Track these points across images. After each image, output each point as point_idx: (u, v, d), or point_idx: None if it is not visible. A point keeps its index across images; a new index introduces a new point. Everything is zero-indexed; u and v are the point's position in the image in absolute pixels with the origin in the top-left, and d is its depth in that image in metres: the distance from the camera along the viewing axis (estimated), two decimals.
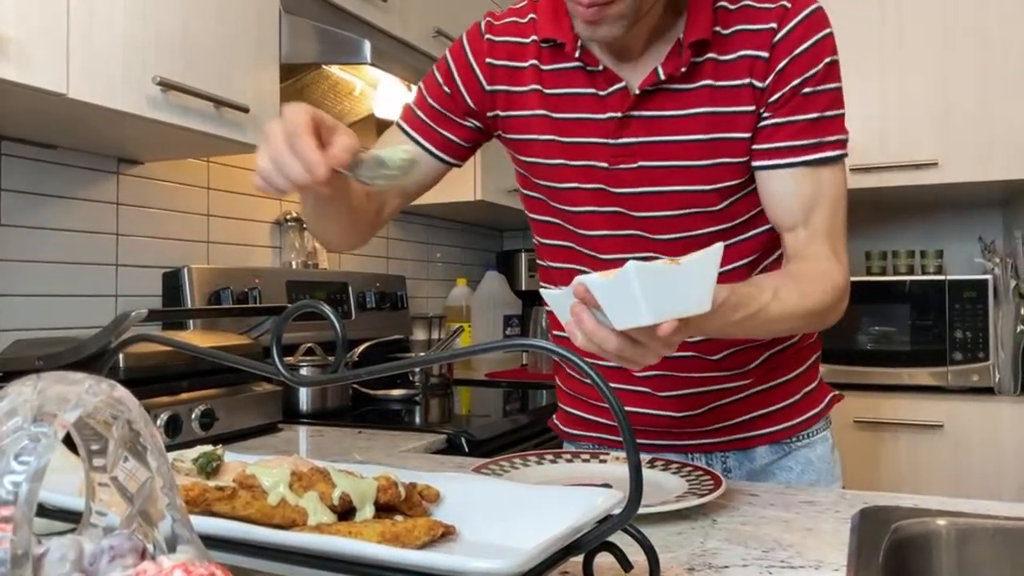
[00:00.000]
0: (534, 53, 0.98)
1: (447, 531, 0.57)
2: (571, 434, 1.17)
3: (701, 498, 0.81)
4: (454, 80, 1.02)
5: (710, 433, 1.06)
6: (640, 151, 0.94)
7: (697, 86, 0.92)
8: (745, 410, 1.05)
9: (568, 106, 0.96)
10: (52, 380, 0.37)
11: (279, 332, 0.67)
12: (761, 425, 1.06)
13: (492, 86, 1.00)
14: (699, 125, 0.92)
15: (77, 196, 1.54)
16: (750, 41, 0.90)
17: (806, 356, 1.10)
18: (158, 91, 1.26)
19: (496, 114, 1.02)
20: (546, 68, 0.97)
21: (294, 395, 1.65)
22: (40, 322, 1.47)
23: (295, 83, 1.78)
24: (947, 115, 2.27)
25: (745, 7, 0.91)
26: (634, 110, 0.93)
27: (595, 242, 1.00)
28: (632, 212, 0.97)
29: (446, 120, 1.04)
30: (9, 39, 1.04)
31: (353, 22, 1.77)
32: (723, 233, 0.96)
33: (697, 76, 0.92)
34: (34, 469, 0.32)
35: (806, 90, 0.90)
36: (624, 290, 0.66)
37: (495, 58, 1.00)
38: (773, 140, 0.91)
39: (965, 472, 2.14)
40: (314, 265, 2.09)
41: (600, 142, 0.95)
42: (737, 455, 1.08)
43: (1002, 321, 2.26)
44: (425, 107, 1.05)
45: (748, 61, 0.90)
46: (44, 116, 1.28)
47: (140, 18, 1.25)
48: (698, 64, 0.91)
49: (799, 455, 1.09)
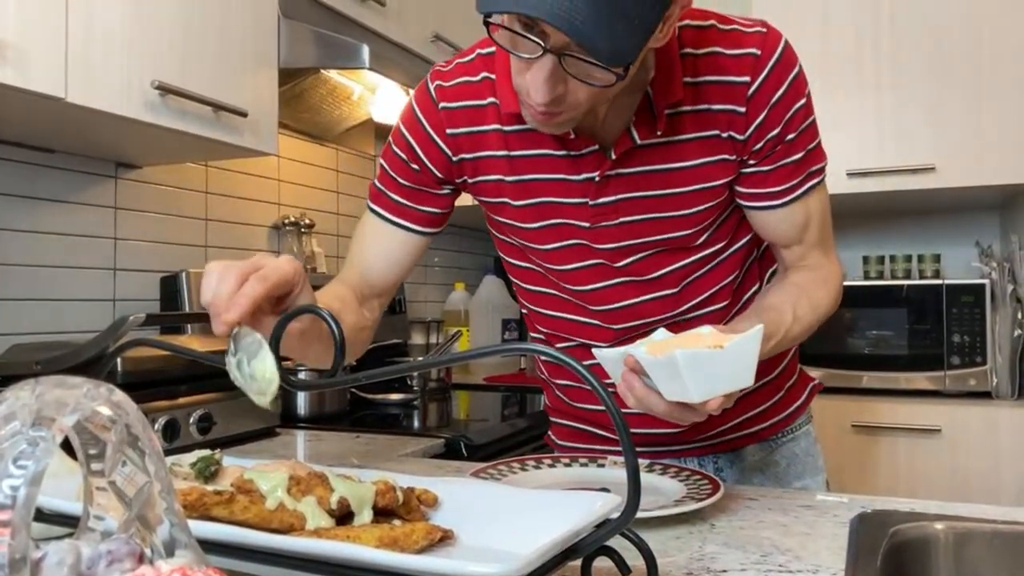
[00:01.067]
0: (495, 116, 0.92)
1: (445, 535, 0.57)
2: (569, 447, 1.16)
3: (699, 502, 0.81)
4: (418, 156, 0.97)
5: (702, 437, 1.07)
6: (622, 207, 0.92)
7: (675, 140, 0.89)
8: (734, 415, 1.06)
9: (539, 168, 0.92)
10: (50, 384, 0.37)
11: (277, 336, 0.67)
12: (749, 425, 1.07)
13: (458, 155, 0.96)
14: (680, 178, 0.91)
15: (75, 200, 1.54)
16: (724, 95, 0.87)
17: (784, 354, 1.09)
18: (156, 95, 1.26)
19: (464, 180, 0.98)
20: (510, 130, 0.92)
21: (292, 400, 1.65)
22: (38, 326, 1.46)
23: (293, 87, 1.78)
24: (943, 120, 2.28)
25: (712, 54, 0.87)
26: (612, 170, 0.90)
27: (583, 294, 0.99)
28: (615, 263, 0.96)
29: (422, 195, 0.99)
30: (8, 44, 1.04)
31: (351, 27, 1.77)
32: (703, 260, 0.97)
33: (673, 130, 0.89)
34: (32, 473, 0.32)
35: (789, 136, 0.89)
36: (671, 371, 0.71)
37: (454, 127, 0.94)
38: (763, 186, 0.92)
39: (963, 476, 2.14)
40: (312, 269, 2.09)
41: (579, 202, 0.92)
42: (728, 455, 1.09)
43: (999, 325, 2.26)
44: (396, 187, 1.00)
45: (726, 116, 0.88)
46: (42, 120, 1.28)
47: (139, 23, 1.25)
48: (673, 117, 0.88)
49: (784, 450, 1.11)
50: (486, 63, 0.94)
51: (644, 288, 0.98)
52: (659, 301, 0.98)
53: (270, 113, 1.51)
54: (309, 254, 2.09)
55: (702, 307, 1.00)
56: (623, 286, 0.98)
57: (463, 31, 2.21)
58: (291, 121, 1.96)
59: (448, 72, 0.96)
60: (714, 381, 0.71)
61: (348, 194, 2.33)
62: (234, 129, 1.42)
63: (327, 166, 2.25)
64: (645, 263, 0.96)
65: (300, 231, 2.06)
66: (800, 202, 0.93)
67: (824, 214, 0.97)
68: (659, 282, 0.97)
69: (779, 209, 0.94)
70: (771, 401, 1.08)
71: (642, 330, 0.98)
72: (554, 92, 0.75)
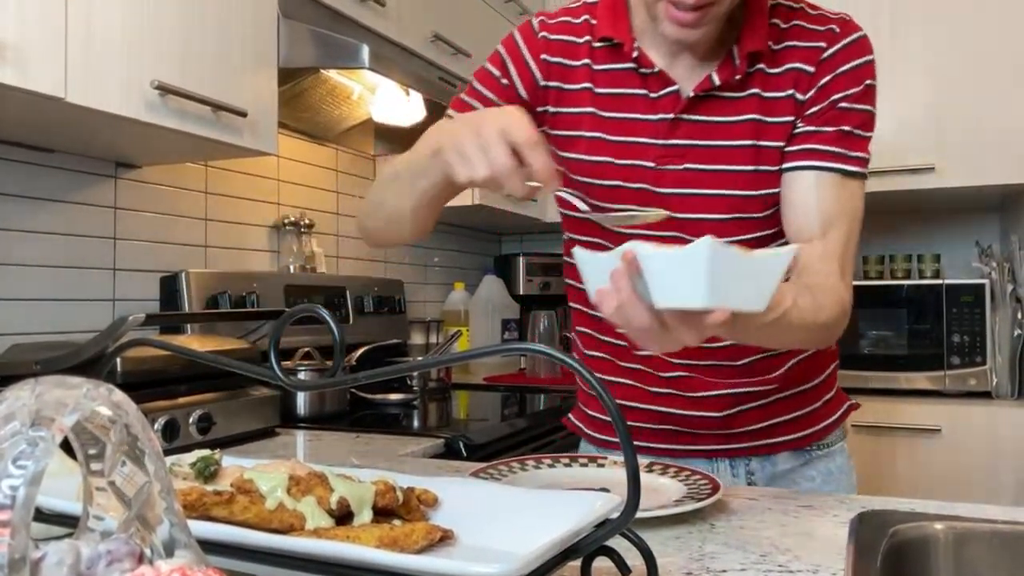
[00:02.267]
0: (587, 53, 1.01)
1: (445, 535, 0.57)
2: (592, 436, 1.17)
3: (699, 502, 0.81)
4: (509, 72, 1.04)
5: (733, 438, 1.07)
6: (689, 153, 0.97)
7: (746, 95, 0.96)
8: (768, 415, 1.06)
9: (618, 106, 0.99)
10: (50, 384, 0.36)
11: (277, 336, 0.67)
12: (783, 431, 1.07)
13: (546, 82, 1.02)
14: (746, 132, 0.96)
15: (74, 200, 1.54)
16: (798, 56, 0.96)
17: (826, 364, 1.12)
18: (156, 95, 1.26)
19: (546, 109, 1.03)
20: (598, 68, 1.00)
21: (292, 400, 1.65)
22: (37, 326, 1.46)
23: (293, 87, 1.78)
24: (943, 120, 2.28)
25: (796, 26, 0.97)
26: (685, 113, 0.96)
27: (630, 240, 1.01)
28: (675, 214, 0.97)
29: None
30: (7, 43, 1.04)
31: (351, 27, 1.77)
32: (761, 240, 0.98)
33: (746, 85, 0.96)
34: (32, 473, 0.32)
35: (843, 104, 0.94)
36: (687, 267, 0.61)
37: (550, 55, 1.02)
38: (803, 143, 0.95)
39: (963, 476, 2.14)
40: (312, 269, 2.09)
41: (648, 142, 0.98)
42: (760, 460, 1.09)
43: (999, 325, 2.26)
44: (479, 97, 1.05)
45: (794, 74, 0.95)
46: (41, 120, 1.28)
47: (138, 23, 1.25)
48: (749, 74, 0.96)
49: (820, 465, 1.10)
50: (588, 9, 1.03)
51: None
52: None
53: (270, 113, 1.51)
54: (309, 254, 2.08)
55: None
56: (674, 240, 0.95)
57: (463, 31, 2.21)
58: (291, 121, 1.96)
59: (553, 13, 1.06)
60: (729, 289, 0.61)
61: (348, 194, 2.33)
62: (234, 129, 1.42)
63: (327, 166, 2.25)
64: (705, 226, 0.97)
65: (300, 231, 2.06)
66: (834, 179, 0.93)
67: (852, 223, 0.95)
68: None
69: (811, 172, 0.94)
70: (806, 409, 1.08)
71: None
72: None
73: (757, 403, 1.06)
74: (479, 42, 2.28)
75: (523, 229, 3.15)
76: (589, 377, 0.50)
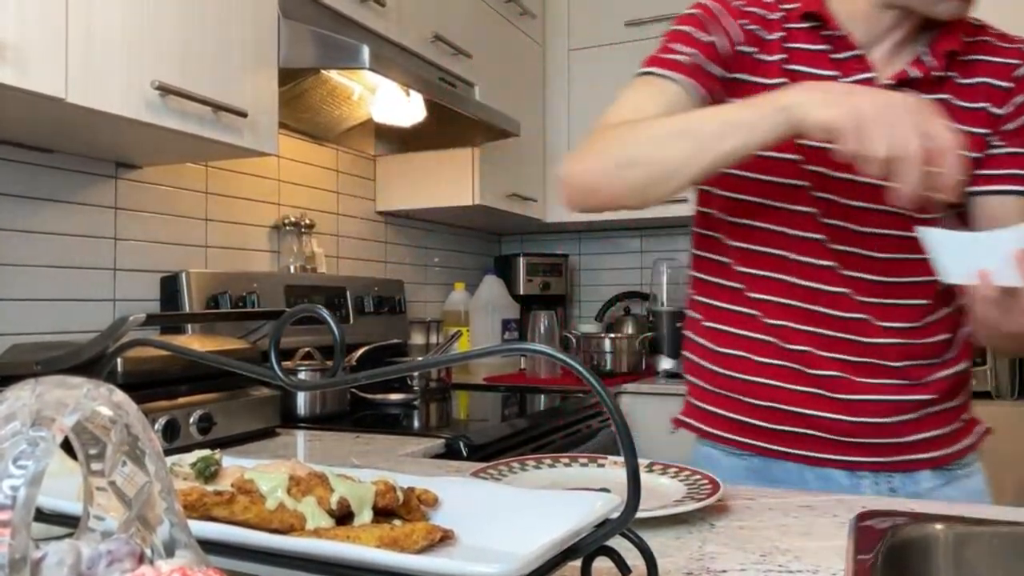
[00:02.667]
0: (780, 28, 1.00)
1: (445, 535, 0.57)
2: (712, 434, 1.11)
3: (699, 502, 0.81)
4: (710, 31, 1.00)
5: (881, 449, 1.03)
6: None
7: (937, 97, 0.95)
8: (913, 430, 1.03)
9: (810, 61, 0.99)
10: (51, 384, 0.37)
11: (277, 336, 0.67)
12: (925, 448, 1.04)
13: (742, 47, 1.01)
14: None
15: (75, 200, 1.54)
16: (989, 70, 0.96)
17: (966, 381, 1.09)
18: (156, 96, 1.26)
19: (736, 77, 1.01)
20: (791, 45, 1.00)
21: (292, 400, 1.65)
22: (38, 326, 1.46)
23: (293, 88, 1.78)
24: None
25: (983, 42, 0.98)
26: (872, 75, 0.96)
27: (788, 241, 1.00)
28: (851, 201, 0.97)
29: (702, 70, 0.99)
30: (7, 44, 1.04)
31: (352, 27, 1.77)
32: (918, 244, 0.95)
33: (939, 88, 0.96)
34: (32, 473, 0.32)
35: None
36: None
37: (748, 21, 1.01)
38: (1007, 167, 0.94)
39: None
40: (312, 269, 2.09)
41: None
42: (902, 477, 1.04)
43: None
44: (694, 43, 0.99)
45: (987, 88, 0.96)
46: (42, 120, 1.28)
47: (139, 23, 1.25)
48: (942, 78, 0.96)
49: (961, 484, 1.06)
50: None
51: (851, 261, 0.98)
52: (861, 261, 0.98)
53: (270, 113, 1.51)
54: (309, 254, 2.09)
55: (903, 296, 1.00)
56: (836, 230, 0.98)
57: (463, 31, 2.21)
58: (291, 121, 1.96)
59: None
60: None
61: (348, 194, 2.33)
62: (234, 129, 1.42)
63: (327, 166, 2.25)
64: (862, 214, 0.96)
65: (300, 231, 2.06)
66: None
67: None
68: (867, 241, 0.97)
69: (1009, 197, 0.93)
70: (950, 427, 1.05)
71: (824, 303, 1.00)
72: None
73: (903, 417, 1.02)
74: (479, 42, 2.28)
75: (523, 229, 3.15)
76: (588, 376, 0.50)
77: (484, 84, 2.31)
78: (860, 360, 1.01)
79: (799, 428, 1.04)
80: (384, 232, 2.51)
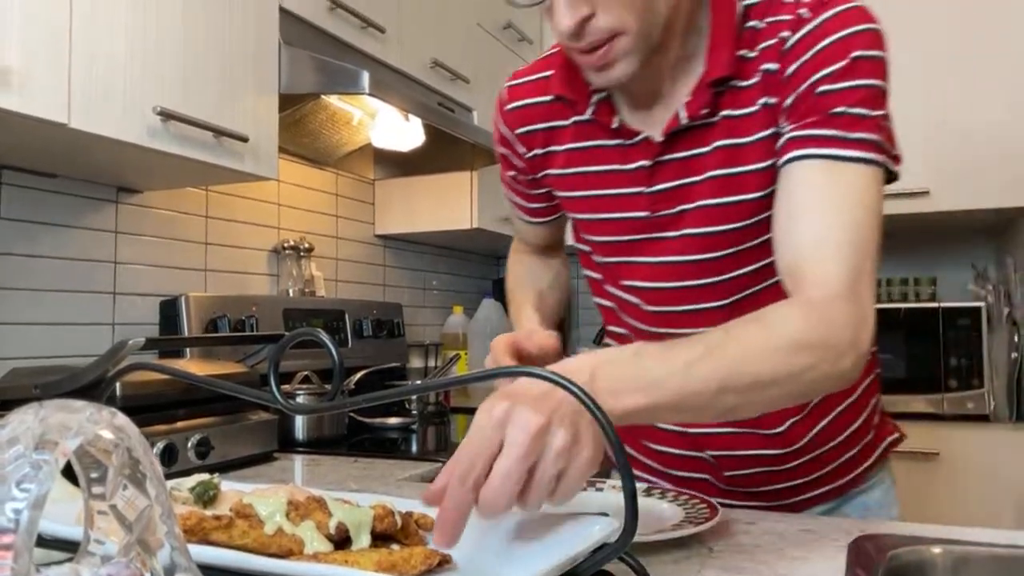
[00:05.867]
0: (557, 112, 0.96)
1: (444, 560, 0.57)
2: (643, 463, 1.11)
3: (697, 526, 0.81)
4: (508, 158, 1.05)
5: (761, 496, 1.01)
6: (677, 194, 0.89)
7: (726, 117, 0.84)
8: (793, 476, 0.99)
9: (597, 159, 0.93)
10: (54, 408, 0.37)
11: (277, 360, 0.67)
12: (809, 489, 1.00)
13: (531, 151, 1.00)
14: (731, 157, 0.84)
15: (76, 224, 1.55)
16: (766, 56, 0.81)
17: (864, 404, 1.00)
18: (158, 121, 1.28)
19: (547, 173, 1.00)
20: (568, 123, 0.95)
21: (290, 424, 1.65)
22: (37, 350, 1.46)
23: (294, 113, 1.80)
24: (937, 144, 2.30)
25: (772, 23, 0.81)
26: (664, 155, 0.88)
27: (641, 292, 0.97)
28: (677, 257, 0.91)
29: (526, 193, 1.09)
30: (12, 70, 1.05)
31: (352, 53, 1.79)
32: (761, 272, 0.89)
33: (724, 107, 0.84)
34: (35, 496, 0.33)
35: (822, 88, 0.77)
36: None
37: (524, 124, 1.00)
38: (786, 135, 0.79)
39: (962, 500, 2.13)
40: (311, 293, 2.09)
41: (635, 192, 0.91)
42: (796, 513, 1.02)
43: (996, 348, 2.26)
44: (512, 188, 1.10)
45: (763, 78, 0.82)
46: (45, 145, 1.29)
47: (141, 49, 1.26)
48: (723, 94, 0.83)
49: (856, 501, 1.04)
50: (548, 62, 0.98)
51: (699, 295, 0.92)
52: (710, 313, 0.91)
53: (271, 138, 1.52)
54: (308, 277, 2.09)
55: None
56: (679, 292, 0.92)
57: (462, 57, 2.23)
58: (291, 145, 1.98)
59: (520, 71, 1.03)
60: None
61: (347, 218, 2.34)
62: (235, 154, 1.44)
63: (326, 190, 2.26)
64: (702, 266, 0.90)
65: (299, 255, 2.07)
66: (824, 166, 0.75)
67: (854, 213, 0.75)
68: (714, 290, 0.90)
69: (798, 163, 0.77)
70: (836, 463, 1.00)
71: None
72: (578, 12, 0.74)
73: (779, 467, 0.98)
74: (478, 68, 2.31)
75: None
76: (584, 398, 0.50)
77: (483, 109, 2.33)
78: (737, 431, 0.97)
79: (686, 472, 1.04)
80: (383, 255, 2.52)
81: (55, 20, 1.12)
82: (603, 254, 0.99)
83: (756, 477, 1.00)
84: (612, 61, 0.78)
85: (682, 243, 0.90)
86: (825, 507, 1.03)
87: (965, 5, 2.30)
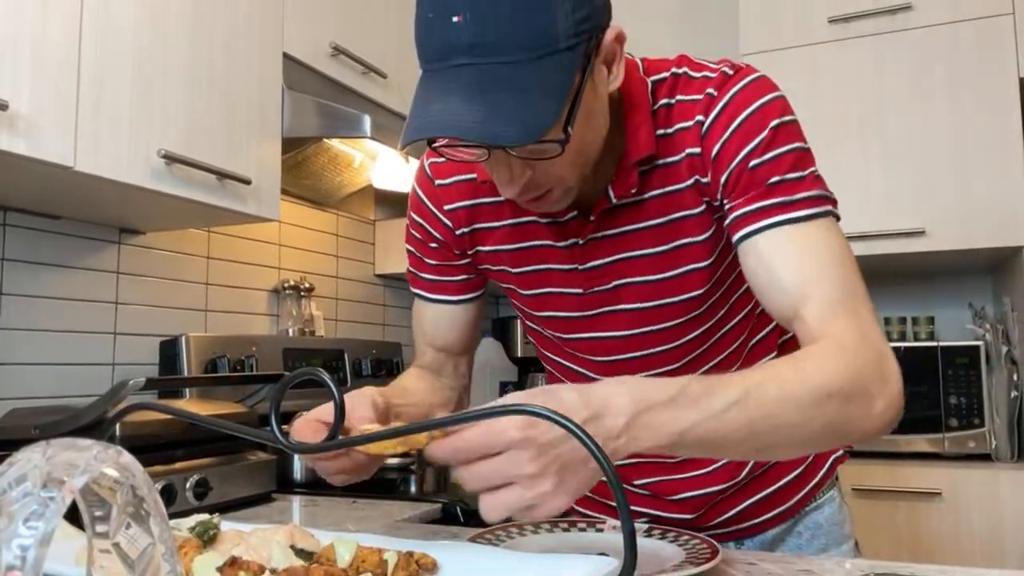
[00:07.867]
0: (485, 189, 0.93)
1: None
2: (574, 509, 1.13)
3: (698, 567, 0.81)
4: (431, 233, 0.99)
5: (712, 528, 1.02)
6: (612, 270, 0.90)
7: (651, 195, 0.86)
8: (739, 500, 1.01)
9: (529, 236, 0.93)
10: (61, 447, 0.38)
11: (278, 399, 0.67)
12: (761, 511, 1.02)
13: (459, 229, 0.97)
14: (662, 234, 0.87)
15: (78, 265, 1.56)
16: (687, 139, 0.84)
17: None
18: (162, 163, 1.30)
19: (476, 250, 0.98)
20: (501, 199, 0.92)
21: (288, 464, 1.64)
22: (38, 390, 1.46)
23: (296, 155, 1.82)
24: (932, 184, 2.33)
25: (681, 102, 0.84)
26: (596, 232, 0.88)
27: (591, 364, 0.97)
28: (615, 332, 0.93)
29: (450, 268, 1.02)
30: (20, 115, 1.07)
31: (354, 97, 1.83)
32: (707, 333, 0.92)
33: (650, 186, 0.86)
34: (42, 534, 0.33)
35: (752, 163, 0.80)
36: None
37: (451, 202, 0.96)
38: (734, 213, 0.81)
39: (966, 540, 2.11)
40: (310, 332, 2.10)
41: (569, 268, 0.91)
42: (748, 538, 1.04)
43: (996, 387, 2.26)
44: (426, 267, 1.03)
45: (688, 161, 0.84)
46: (50, 187, 1.31)
47: (147, 93, 1.29)
48: (648, 173, 0.85)
49: (808, 520, 1.05)
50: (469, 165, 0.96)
51: (647, 362, 0.93)
52: (663, 372, 0.93)
53: (273, 180, 1.54)
54: (308, 317, 2.10)
55: None
56: (626, 363, 0.94)
57: None
58: (292, 187, 2.00)
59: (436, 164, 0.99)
60: None
61: (348, 258, 2.36)
62: (238, 196, 1.45)
63: (327, 231, 2.28)
64: (645, 338, 0.92)
65: (300, 295, 2.08)
66: (788, 232, 0.78)
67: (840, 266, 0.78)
68: (661, 357, 0.93)
69: (757, 237, 0.79)
70: (781, 482, 1.01)
71: None
72: (522, 179, 0.77)
73: (724, 496, 1.00)
74: None
75: None
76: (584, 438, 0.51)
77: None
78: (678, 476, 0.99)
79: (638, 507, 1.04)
80: (382, 295, 2.53)
81: (63, 65, 1.15)
82: (544, 327, 0.99)
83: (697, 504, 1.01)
84: (547, 204, 0.82)
85: (620, 318, 0.92)
86: (781, 526, 1.04)
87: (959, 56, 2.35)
